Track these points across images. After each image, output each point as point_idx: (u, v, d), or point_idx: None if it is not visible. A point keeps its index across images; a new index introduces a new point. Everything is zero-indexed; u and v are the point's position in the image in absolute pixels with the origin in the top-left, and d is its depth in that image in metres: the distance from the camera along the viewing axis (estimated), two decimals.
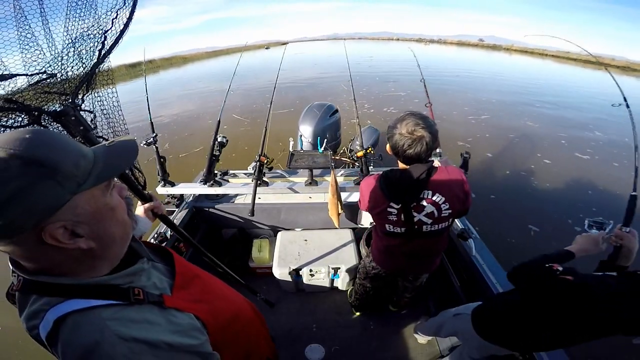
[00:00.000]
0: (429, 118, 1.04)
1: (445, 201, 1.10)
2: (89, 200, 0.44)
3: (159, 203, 0.96)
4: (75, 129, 0.76)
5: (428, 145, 1.00)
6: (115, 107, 0.98)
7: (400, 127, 1.02)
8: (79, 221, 0.43)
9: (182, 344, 0.50)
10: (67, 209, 0.41)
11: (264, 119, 2.06)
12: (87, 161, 0.43)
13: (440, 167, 1.12)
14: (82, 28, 0.79)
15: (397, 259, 1.39)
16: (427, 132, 0.99)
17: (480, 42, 79.01)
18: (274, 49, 52.67)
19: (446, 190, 1.10)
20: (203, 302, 0.63)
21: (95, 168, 0.44)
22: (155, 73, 25.46)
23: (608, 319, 0.78)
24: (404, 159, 1.07)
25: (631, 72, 24.72)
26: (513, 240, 3.49)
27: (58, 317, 0.43)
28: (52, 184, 0.39)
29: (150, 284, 0.55)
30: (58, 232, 0.41)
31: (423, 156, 1.03)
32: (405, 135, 1.00)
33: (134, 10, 0.79)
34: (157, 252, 0.70)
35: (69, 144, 0.43)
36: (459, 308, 1.40)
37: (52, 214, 0.40)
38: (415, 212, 1.14)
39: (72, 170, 0.41)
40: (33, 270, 0.45)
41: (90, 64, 0.82)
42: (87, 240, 0.45)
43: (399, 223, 1.18)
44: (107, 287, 0.49)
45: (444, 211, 1.12)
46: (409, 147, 1.01)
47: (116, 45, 0.81)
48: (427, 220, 1.14)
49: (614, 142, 6.36)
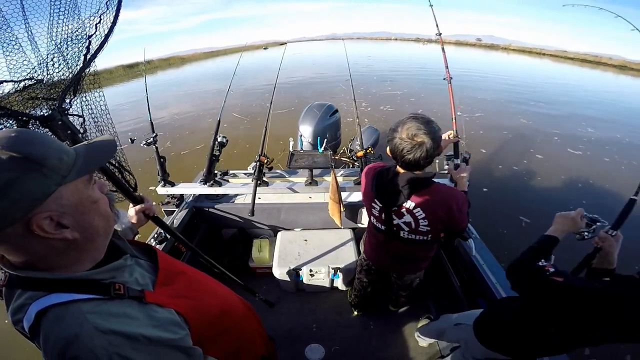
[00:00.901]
0: (433, 123, 0.99)
1: (424, 217, 1.09)
2: (73, 192, 0.47)
3: (151, 205, 0.96)
4: (62, 133, 0.77)
5: (428, 152, 0.97)
6: (103, 110, 0.99)
7: (401, 130, 0.98)
8: (64, 212, 0.46)
9: (161, 337, 0.52)
10: (53, 199, 0.44)
11: (263, 118, 2.06)
12: (69, 157, 0.47)
13: (435, 185, 1.08)
14: (66, 33, 0.80)
15: (382, 255, 1.43)
16: (429, 138, 0.95)
17: (478, 42, 79.13)
18: (272, 49, 52.68)
19: (428, 208, 1.08)
20: (186, 298, 0.64)
21: (77, 163, 0.47)
22: (153, 74, 25.37)
23: (610, 320, 0.77)
24: (402, 164, 1.04)
25: (628, 71, 24.96)
26: (505, 231, 3.57)
27: (39, 310, 0.46)
28: (39, 176, 0.42)
29: (132, 279, 0.57)
30: (45, 223, 0.43)
31: (422, 163, 1.00)
32: (405, 139, 0.97)
33: (117, 15, 0.79)
34: (143, 249, 0.72)
35: (52, 141, 0.46)
36: (459, 316, 1.39)
37: (39, 204, 0.42)
38: (395, 216, 1.15)
39: (57, 164, 0.44)
40: (18, 264, 0.48)
41: (76, 68, 0.82)
42: (72, 231, 0.48)
43: (380, 220, 1.22)
44: (88, 281, 0.51)
45: (421, 226, 1.12)
46: (408, 153, 0.97)
47: (101, 50, 0.82)
48: (405, 228, 1.16)
49: (606, 138, 6.51)
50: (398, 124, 1.01)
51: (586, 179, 4.82)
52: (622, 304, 0.74)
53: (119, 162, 1.03)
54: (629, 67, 27.40)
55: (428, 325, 1.76)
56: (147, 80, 2.25)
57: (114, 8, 0.77)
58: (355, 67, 17.82)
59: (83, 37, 0.78)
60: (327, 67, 18.77)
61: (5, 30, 0.73)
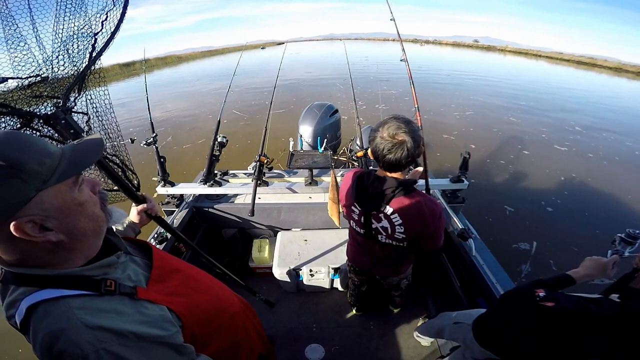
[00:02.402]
0: (413, 123, 0.99)
1: (401, 224, 1.08)
2: (55, 196, 0.47)
3: (153, 204, 0.95)
4: (66, 132, 0.77)
5: (409, 151, 0.95)
6: (107, 108, 0.99)
7: (382, 130, 0.97)
8: (48, 215, 0.46)
9: (150, 334, 0.52)
10: (33, 204, 0.44)
11: (262, 117, 2.06)
12: (52, 159, 0.46)
13: (415, 192, 1.07)
14: (72, 30, 0.79)
15: (362, 257, 1.44)
16: (409, 137, 0.94)
17: (475, 43, 79.57)
18: (269, 48, 52.72)
19: (405, 215, 1.07)
20: (180, 295, 0.65)
21: (61, 165, 0.47)
22: (150, 72, 25.26)
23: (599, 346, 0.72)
24: (384, 165, 1.02)
25: (623, 73, 25.30)
26: (490, 219, 3.80)
27: (30, 305, 0.47)
28: (17, 181, 0.42)
29: (124, 276, 0.58)
30: (27, 226, 0.44)
31: (404, 162, 0.98)
32: (386, 138, 0.96)
33: (124, 12, 0.79)
34: (139, 247, 0.73)
35: (35, 144, 0.46)
36: (458, 315, 1.39)
37: (19, 210, 0.43)
38: (374, 219, 1.15)
39: (36, 168, 0.43)
40: (11, 262, 0.48)
41: (81, 66, 0.82)
42: (56, 233, 0.48)
43: (359, 224, 1.22)
44: (79, 277, 0.51)
45: (397, 233, 1.11)
46: (389, 152, 0.96)
47: (107, 47, 0.81)
48: (382, 232, 1.16)
49: (592, 137, 6.83)
50: (379, 124, 1.00)
51: (569, 173, 5.07)
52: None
53: (122, 161, 1.03)
54: (624, 69, 27.74)
55: (426, 323, 1.76)
56: (144, 79, 2.24)
57: (121, 5, 0.77)
58: (352, 68, 17.84)
59: (89, 34, 0.78)
60: (325, 67, 18.88)
61: (10, 26, 0.73)
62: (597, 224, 3.79)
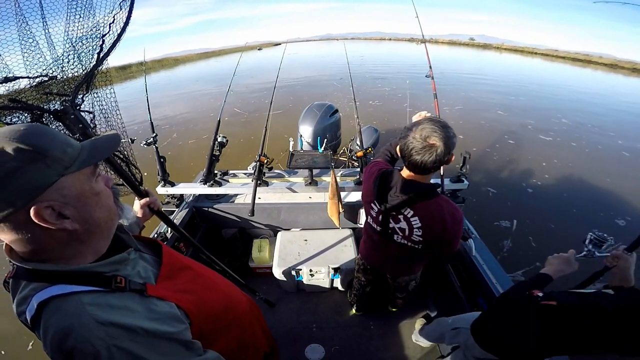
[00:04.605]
0: (450, 128, 0.94)
1: (420, 227, 1.07)
2: (75, 183, 0.48)
3: (155, 199, 0.99)
4: (74, 127, 0.79)
5: (437, 157, 0.91)
6: (113, 107, 1.02)
7: (415, 130, 0.94)
8: (66, 202, 0.47)
9: (159, 330, 0.52)
10: (55, 189, 0.45)
11: (261, 117, 2.07)
12: (74, 149, 0.49)
13: (438, 197, 1.05)
14: (81, 32, 0.82)
15: (376, 255, 1.43)
16: (442, 143, 0.90)
17: (471, 42, 79.75)
18: (266, 50, 52.74)
19: (425, 219, 1.06)
20: (189, 292, 0.65)
21: (81, 155, 0.49)
22: (147, 75, 25.14)
23: (607, 337, 0.76)
24: (409, 165, 0.99)
25: (618, 70, 25.53)
26: (474, 200, 4.01)
27: (41, 301, 0.47)
28: (42, 166, 0.44)
29: (134, 273, 0.58)
30: (46, 212, 0.45)
31: (430, 166, 0.94)
32: (417, 139, 0.92)
33: (130, 14, 0.82)
34: (148, 245, 0.74)
35: (58, 135, 0.49)
36: (454, 321, 1.39)
37: (41, 193, 0.44)
38: (392, 219, 1.14)
39: (59, 155, 0.46)
40: (23, 255, 0.49)
41: (89, 66, 0.84)
42: (72, 222, 0.48)
43: (377, 221, 1.22)
44: (90, 274, 0.52)
45: (414, 235, 1.11)
46: (417, 153, 0.93)
47: (114, 48, 0.84)
48: (399, 233, 1.15)
49: (576, 127, 7.14)
50: (414, 124, 0.97)
51: (551, 159, 5.32)
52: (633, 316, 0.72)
53: (125, 156, 1.05)
54: (619, 65, 27.85)
55: (424, 329, 1.75)
56: (142, 81, 2.25)
57: (127, 9, 0.79)
58: (350, 67, 17.91)
59: (97, 36, 0.80)
60: (323, 67, 18.94)
61: (24, 29, 0.76)
62: (574, 204, 4.00)
